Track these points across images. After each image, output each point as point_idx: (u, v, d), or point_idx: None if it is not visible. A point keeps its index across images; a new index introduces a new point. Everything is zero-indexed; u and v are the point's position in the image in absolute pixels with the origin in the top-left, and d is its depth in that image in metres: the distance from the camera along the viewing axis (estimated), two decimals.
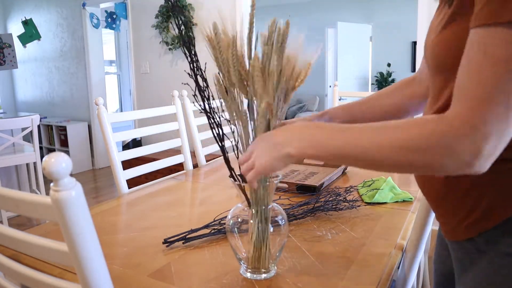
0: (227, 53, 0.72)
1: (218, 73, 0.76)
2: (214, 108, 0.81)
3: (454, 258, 0.70)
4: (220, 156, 2.06)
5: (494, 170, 0.60)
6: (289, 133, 0.66)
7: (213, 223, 1.04)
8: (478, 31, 0.51)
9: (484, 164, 0.52)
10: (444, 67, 0.62)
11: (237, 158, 0.78)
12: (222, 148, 0.81)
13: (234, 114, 0.77)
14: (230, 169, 0.79)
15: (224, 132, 0.83)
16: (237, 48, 0.72)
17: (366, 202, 1.22)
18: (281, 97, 0.73)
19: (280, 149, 0.64)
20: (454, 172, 0.54)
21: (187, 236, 0.97)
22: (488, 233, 0.61)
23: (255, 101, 0.73)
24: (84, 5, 4.45)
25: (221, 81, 0.76)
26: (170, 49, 3.80)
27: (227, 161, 0.80)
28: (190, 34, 0.75)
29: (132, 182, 1.55)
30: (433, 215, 0.90)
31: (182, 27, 0.74)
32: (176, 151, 1.84)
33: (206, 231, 1.01)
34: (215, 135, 0.81)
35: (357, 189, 1.33)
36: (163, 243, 0.96)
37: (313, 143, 0.62)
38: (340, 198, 1.21)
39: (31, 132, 2.89)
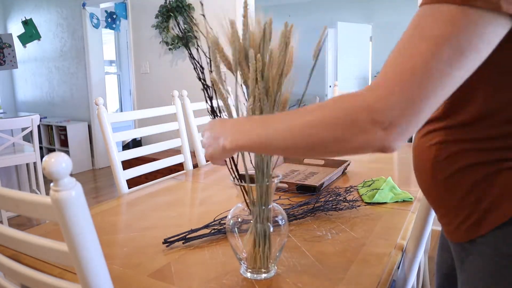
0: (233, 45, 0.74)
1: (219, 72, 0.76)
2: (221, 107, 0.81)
3: (456, 259, 0.70)
4: None
5: (494, 170, 0.60)
6: (227, 126, 0.67)
7: (213, 223, 1.04)
8: (423, 7, 0.51)
9: (386, 139, 0.50)
10: None
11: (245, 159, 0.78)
12: None
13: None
14: (237, 170, 0.79)
15: None
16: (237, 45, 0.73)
17: (366, 202, 1.22)
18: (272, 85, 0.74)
19: (218, 143, 0.67)
20: (364, 146, 0.51)
21: (187, 236, 0.97)
22: (489, 234, 0.61)
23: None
24: (84, 5, 4.46)
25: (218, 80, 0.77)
26: (170, 49, 3.80)
27: (232, 160, 0.79)
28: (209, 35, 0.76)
29: (132, 182, 1.55)
30: (433, 215, 0.90)
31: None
32: (176, 151, 1.84)
33: (206, 231, 1.01)
34: None
35: (357, 189, 1.33)
36: (163, 243, 0.96)
37: (242, 136, 0.63)
38: (340, 198, 1.21)
39: (31, 132, 2.89)
